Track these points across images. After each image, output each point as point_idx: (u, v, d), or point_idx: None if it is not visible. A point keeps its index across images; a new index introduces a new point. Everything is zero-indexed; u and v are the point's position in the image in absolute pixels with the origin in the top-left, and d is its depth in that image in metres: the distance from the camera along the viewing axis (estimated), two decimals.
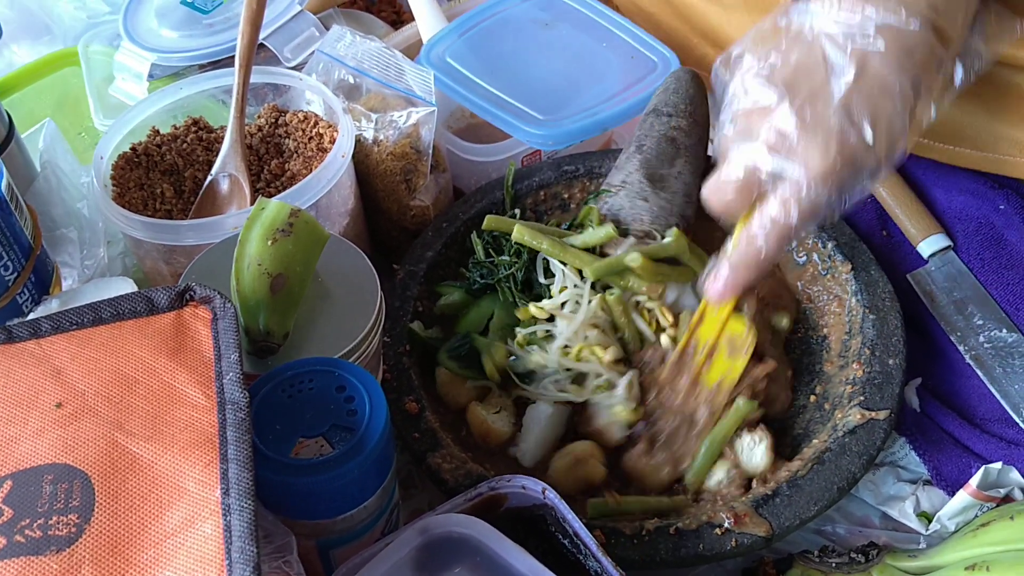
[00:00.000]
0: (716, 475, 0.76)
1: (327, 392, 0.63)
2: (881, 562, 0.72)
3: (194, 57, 1.05)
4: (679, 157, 0.89)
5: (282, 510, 0.61)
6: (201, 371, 0.58)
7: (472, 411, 0.80)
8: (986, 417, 0.81)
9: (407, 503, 0.81)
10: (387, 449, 0.63)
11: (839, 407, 0.78)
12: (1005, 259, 0.87)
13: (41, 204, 0.88)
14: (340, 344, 0.69)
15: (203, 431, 0.55)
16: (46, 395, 0.57)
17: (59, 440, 0.55)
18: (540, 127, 0.93)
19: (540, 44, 1.03)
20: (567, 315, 0.80)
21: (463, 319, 0.86)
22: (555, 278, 0.83)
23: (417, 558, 0.61)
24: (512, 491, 0.66)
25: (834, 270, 0.87)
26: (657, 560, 0.69)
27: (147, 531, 0.51)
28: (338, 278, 0.74)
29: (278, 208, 0.70)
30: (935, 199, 0.93)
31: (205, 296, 0.62)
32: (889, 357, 0.79)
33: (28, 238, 0.79)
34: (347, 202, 0.90)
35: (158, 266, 0.85)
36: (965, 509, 0.73)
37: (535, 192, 0.95)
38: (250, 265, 0.68)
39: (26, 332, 0.60)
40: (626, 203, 0.87)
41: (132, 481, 0.53)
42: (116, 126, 0.92)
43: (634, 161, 0.89)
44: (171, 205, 0.91)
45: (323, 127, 0.93)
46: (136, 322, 0.61)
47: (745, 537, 0.70)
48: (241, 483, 0.52)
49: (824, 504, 0.71)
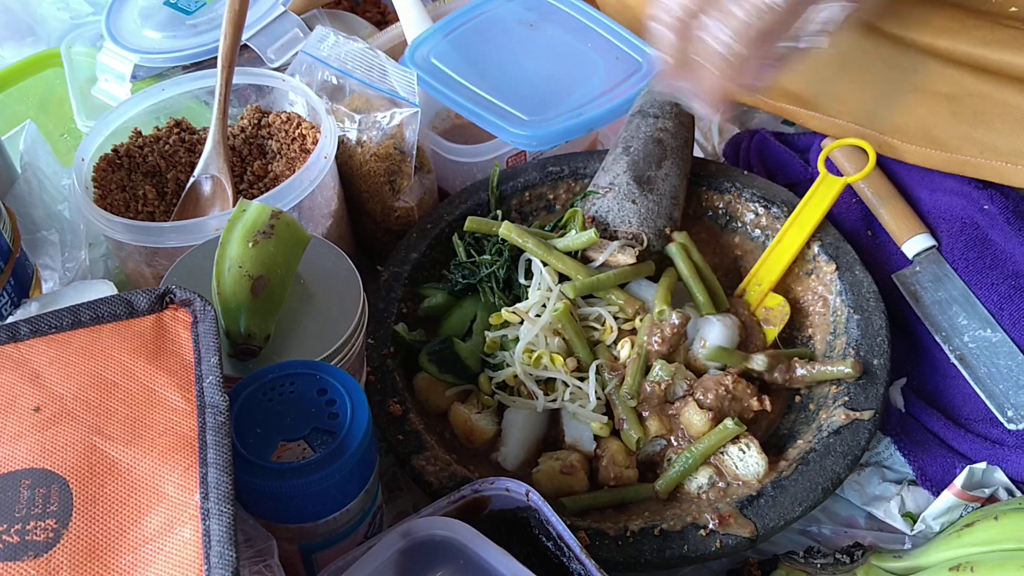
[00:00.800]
0: (697, 480, 0.75)
1: (308, 395, 0.62)
2: (866, 563, 0.72)
3: (177, 58, 1.04)
4: (666, 159, 0.89)
5: (263, 514, 0.60)
6: (181, 374, 0.58)
7: (455, 411, 0.80)
8: (971, 417, 0.81)
9: (392, 505, 0.81)
10: (369, 452, 0.63)
11: (824, 407, 0.78)
12: (989, 259, 0.87)
13: (21, 206, 0.88)
14: (322, 347, 0.69)
15: (182, 435, 0.54)
16: (24, 399, 0.56)
17: (37, 444, 0.54)
18: (525, 128, 0.93)
19: (525, 45, 1.03)
20: (532, 318, 0.80)
21: (446, 321, 0.86)
22: (533, 280, 0.83)
23: (400, 561, 0.61)
24: (496, 493, 0.66)
25: (818, 270, 0.87)
26: (642, 562, 0.69)
27: (125, 536, 0.50)
28: (321, 280, 0.74)
29: (259, 210, 0.69)
30: (920, 199, 0.93)
31: (185, 299, 0.61)
32: (874, 357, 0.79)
33: (7, 241, 0.78)
34: (330, 203, 0.89)
35: (140, 268, 0.85)
36: (950, 509, 0.73)
37: (520, 193, 0.95)
38: (231, 267, 0.68)
39: (4, 335, 0.60)
40: (614, 205, 0.87)
41: (110, 485, 0.52)
42: (98, 127, 0.92)
43: (621, 163, 0.88)
44: (153, 207, 0.91)
45: (306, 128, 0.92)
46: (115, 325, 0.61)
47: (730, 538, 0.70)
48: (220, 487, 0.51)
49: (809, 505, 0.71)
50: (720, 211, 0.94)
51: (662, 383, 0.77)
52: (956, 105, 0.87)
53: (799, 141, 1.04)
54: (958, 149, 0.89)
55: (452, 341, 0.82)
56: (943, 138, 0.89)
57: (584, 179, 0.95)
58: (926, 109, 0.89)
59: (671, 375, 0.77)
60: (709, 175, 0.94)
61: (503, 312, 0.82)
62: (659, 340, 0.79)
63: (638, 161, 0.88)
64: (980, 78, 0.86)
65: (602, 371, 0.79)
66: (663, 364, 0.78)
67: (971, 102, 0.87)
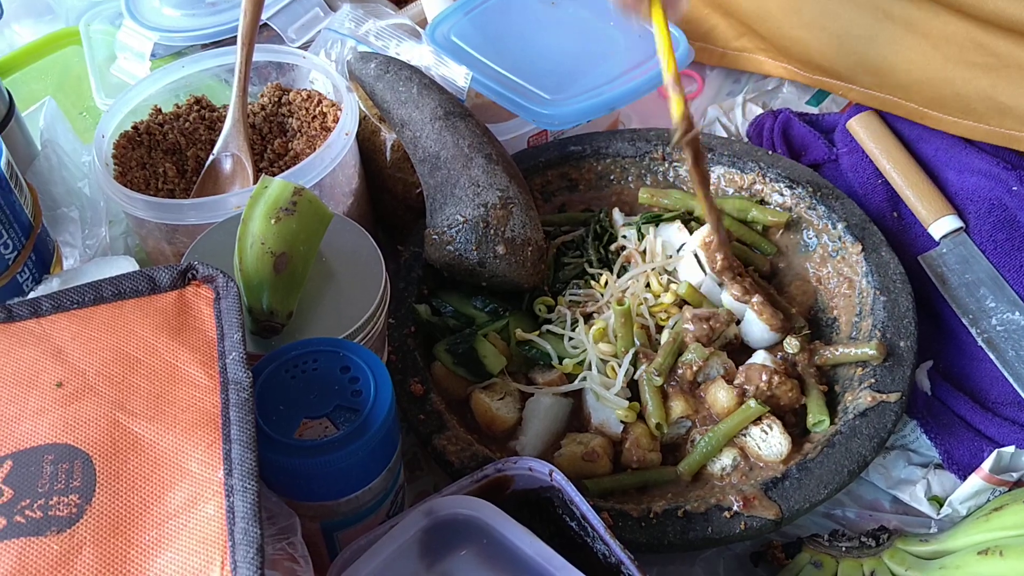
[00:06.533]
0: (721, 462, 0.75)
1: (331, 373, 0.62)
2: (892, 546, 0.71)
3: (197, 37, 1.03)
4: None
5: (285, 492, 0.60)
6: (204, 351, 0.57)
7: (476, 399, 0.79)
8: (998, 400, 0.80)
9: (413, 485, 0.80)
10: (392, 430, 0.62)
11: (849, 389, 0.77)
12: (1018, 241, 0.86)
13: (42, 183, 0.88)
14: (344, 325, 0.68)
15: (205, 411, 0.54)
16: (46, 374, 0.56)
17: (60, 420, 0.54)
18: (546, 107, 0.92)
19: (546, 23, 1.02)
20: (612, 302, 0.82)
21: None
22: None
23: (423, 540, 0.61)
24: (519, 473, 0.65)
25: (844, 251, 0.86)
26: (665, 543, 0.68)
27: (149, 512, 0.50)
28: (343, 258, 0.73)
29: (281, 187, 0.69)
30: (947, 180, 0.92)
31: (208, 275, 0.61)
32: (900, 339, 0.78)
33: (28, 217, 0.78)
34: (351, 181, 0.89)
35: (160, 246, 0.84)
36: (977, 493, 0.73)
37: (543, 172, 0.94)
38: (253, 244, 0.67)
39: (26, 311, 0.60)
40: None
41: (134, 461, 0.52)
42: (118, 104, 0.91)
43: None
44: (173, 184, 0.91)
45: (327, 106, 0.92)
46: (138, 301, 0.60)
47: (754, 520, 0.69)
48: (244, 464, 0.51)
49: (834, 487, 0.70)
50: (743, 192, 0.93)
51: (693, 365, 0.76)
52: (994, 77, 0.87)
53: (824, 121, 1.03)
54: (999, 122, 0.89)
55: (476, 338, 0.81)
56: (982, 110, 0.89)
57: (606, 159, 0.95)
58: (963, 80, 0.89)
59: (704, 358, 0.77)
60: (733, 155, 0.93)
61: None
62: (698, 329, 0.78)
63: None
64: (1019, 48, 0.86)
65: (638, 356, 0.78)
66: (697, 347, 0.77)
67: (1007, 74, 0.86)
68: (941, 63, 0.92)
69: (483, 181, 0.81)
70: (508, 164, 0.85)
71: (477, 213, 0.80)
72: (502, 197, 0.81)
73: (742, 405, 0.75)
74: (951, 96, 0.92)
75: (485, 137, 0.85)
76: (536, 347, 0.81)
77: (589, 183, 0.95)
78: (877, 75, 0.97)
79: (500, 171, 0.82)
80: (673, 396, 0.76)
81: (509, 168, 0.84)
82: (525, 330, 0.82)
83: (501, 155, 0.85)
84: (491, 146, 0.84)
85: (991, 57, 0.88)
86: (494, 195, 0.81)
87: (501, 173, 0.82)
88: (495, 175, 0.82)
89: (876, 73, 0.97)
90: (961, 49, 0.90)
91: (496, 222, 0.80)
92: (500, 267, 0.80)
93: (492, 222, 0.80)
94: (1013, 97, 0.89)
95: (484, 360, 0.80)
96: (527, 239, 0.81)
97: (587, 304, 0.84)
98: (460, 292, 0.86)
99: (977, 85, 0.90)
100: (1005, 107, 0.89)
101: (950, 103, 0.93)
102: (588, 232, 0.89)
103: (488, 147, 0.84)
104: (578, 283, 0.86)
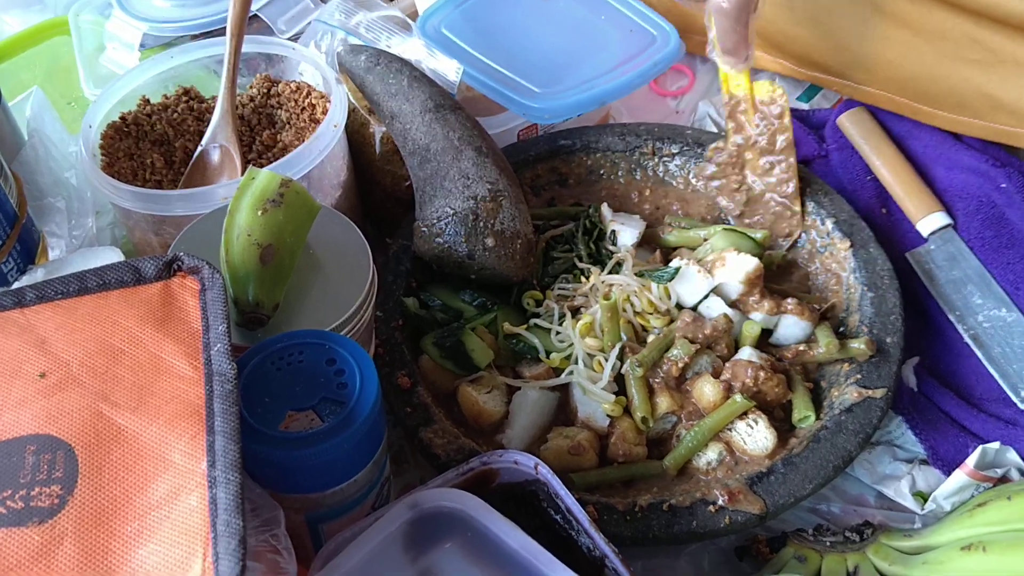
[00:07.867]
0: (706, 456, 0.75)
1: (317, 365, 0.62)
2: (876, 541, 0.71)
3: (186, 27, 1.03)
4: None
5: (270, 483, 0.60)
6: (188, 342, 0.57)
7: (463, 392, 0.79)
8: (984, 397, 0.80)
9: (399, 478, 0.80)
10: (377, 423, 0.62)
11: (836, 385, 0.77)
12: (1006, 238, 0.86)
13: (28, 173, 0.87)
14: (331, 317, 0.68)
15: (189, 403, 0.54)
16: (29, 365, 0.56)
17: (42, 410, 0.53)
18: (536, 100, 0.92)
19: (537, 16, 1.02)
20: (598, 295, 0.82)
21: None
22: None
23: (407, 532, 0.61)
24: (504, 466, 0.65)
25: (832, 247, 0.86)
26: (650, 537, 0.69)
27: (131, 503, 0.50)
28: (330, 250, 0.73)
29: (268, 178, 0.69)
30: (936, 177, 0.92)
31: (193, 266, 0.60)
32: (887, 335, 0.78)
33: (13, 206, 0.77)
34: (340, 174, 0.88)
35: (147, 237, 0.84)
36: (961, 489, 0.73)
37: (532, 166, 0.94)
38: (239, 235, 0.67)
39: (10, 301, 0.59)
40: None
41: (116, 452, 0.52)
42: (105, 95, 0.91)
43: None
44: (161, 175, 0.90)
45: (316, 98, 0.91)
46: (122, 292, 0.60)
47: (739, 515, 0.69)
48: (227, 455, 0.51)
49: (819, 482, 0.71)
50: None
51: (679, 361, 0.76)
52: (989, 73, 0.87)
53: (814, 117, 1.03)
54: (993, 118, 0.89)
55: (464, 332, 0.80)
56: (977, 106, 0.89)
57: (596, 153, 0.95)
58: (957, 76, 0.90)
59: (689, 354, 0.76)
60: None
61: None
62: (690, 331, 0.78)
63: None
64: (1014, 43, 0.87)
65: (624, 351, 0.78)
66: (684, 343, 0.77)
67: (1002, 70, 0.87)
68: (935, 58, 0.92)
69: (473, 174, 0.81)
70: (498, 157, 0.85)
71: (467, 206, 0.80)
72: (492, 190, 0.81)
73: (728, 400, 0.75)
74: (945, 91, 0.92)
75: (475, 130, 0.85)
76: (524, 341, 0.81)
77: (579, 177, 0.95)
78: (870, 71, 0.97)
79: (490, 164, 0.82)
80: (659, 392, 0.76)
81: (499, 161, 0.84)
82: (513, 324, 0.82)
83: (491, 148, 0.85)
84: (481, 139, 0.84)
85: (985, 52, 0.88)
86: (484, 188, 0.80)
87: (491, 166, 0.82)
88: (485, 168, 0.82)
89: (869, 69, 0.97)
90: (955, 44, 0.90)
91: (485, 215, 0.80)
92: (489, 260, 0.80)
93: (481, 215, 0.80)
94: (1007, 92, 0.89)
95: (472, 354, 0.80)
96: (516, 232, 0.81)
97: (575, 298, 0.83)
98: (448, 286, 0.86)
99: (971, 80, 0.90)
100: (999, 102, 0.89)
101: (944, 98, 0.93)
102: (578, 227, 0.89)
103: (478, 140, 0.84)
104: (567, 277, 0.86)
